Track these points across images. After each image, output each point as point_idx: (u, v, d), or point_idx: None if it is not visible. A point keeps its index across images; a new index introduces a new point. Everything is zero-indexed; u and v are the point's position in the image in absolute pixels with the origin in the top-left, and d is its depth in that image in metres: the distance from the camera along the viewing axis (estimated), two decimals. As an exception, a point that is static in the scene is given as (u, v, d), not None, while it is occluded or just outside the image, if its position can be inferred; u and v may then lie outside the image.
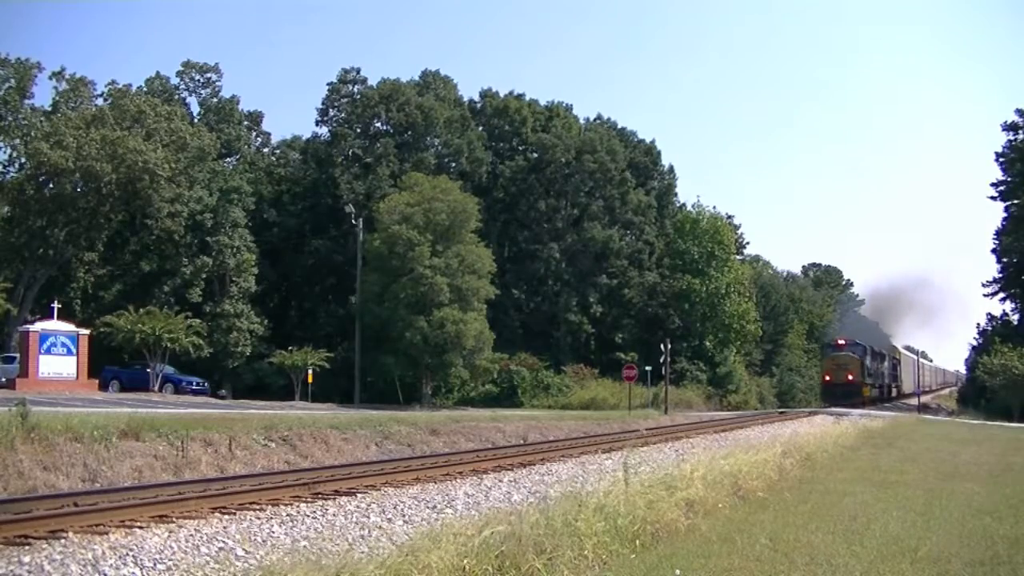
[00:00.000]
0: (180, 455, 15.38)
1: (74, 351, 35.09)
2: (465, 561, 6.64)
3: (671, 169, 67.15)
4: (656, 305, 59.44)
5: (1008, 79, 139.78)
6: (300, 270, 54.23)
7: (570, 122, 60.74)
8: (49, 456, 13.58)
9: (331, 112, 56.33)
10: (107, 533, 8.19)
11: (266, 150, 58.97)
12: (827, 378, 53.95)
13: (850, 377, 52.03)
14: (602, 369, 53.37)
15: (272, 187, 55.75)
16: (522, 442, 22.75)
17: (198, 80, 53.48)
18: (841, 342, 55.69)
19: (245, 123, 55.94)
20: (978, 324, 60.30)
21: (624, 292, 58.91)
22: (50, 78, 45.19)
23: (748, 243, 75.69)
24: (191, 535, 8.12)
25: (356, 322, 46.68)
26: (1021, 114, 53.77)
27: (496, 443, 22.57)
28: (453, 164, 55.19)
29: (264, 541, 7.91)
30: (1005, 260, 55.65)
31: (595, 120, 63.84)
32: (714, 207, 66.82)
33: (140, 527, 8.60)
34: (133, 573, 6.77)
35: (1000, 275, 56.38)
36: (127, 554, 7.17)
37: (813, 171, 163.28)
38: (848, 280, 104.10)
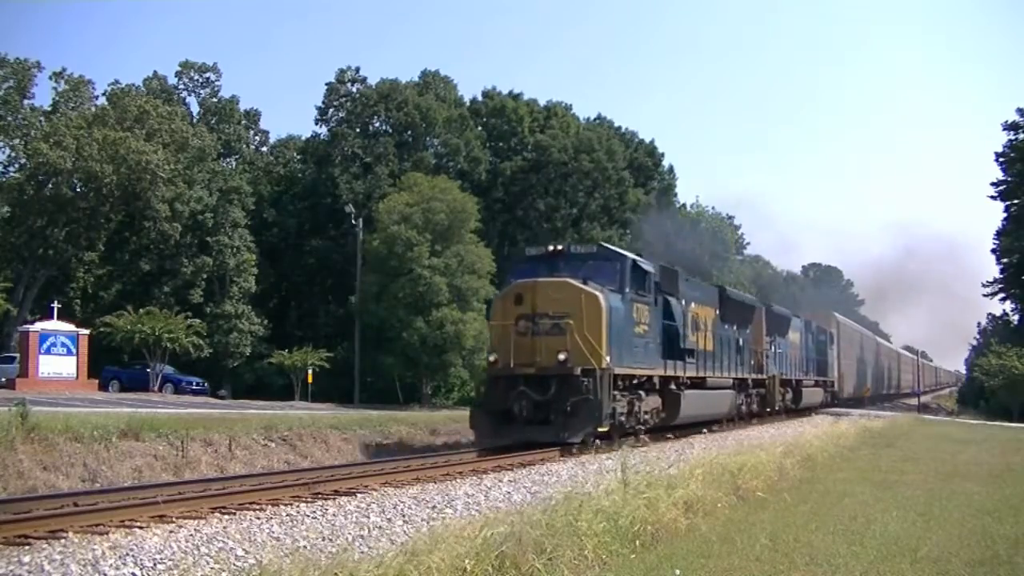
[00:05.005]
0: (180, 455, 15.43)
1: (74, 351, 35.13)
2: (465, 561, 6.63)
3: (671, 169, 67.22)
4: (656, 305, 59.26)
5: (1008, 79, 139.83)
6: (300, 270, 54.21)
7: (569, 122, 60.65)
8: (49, 456, 13.61)
9: (330, 112, 56.33)
10: (107, 533, 8.17)
11: (265, 149, 58.98)
12: (491, 359, 17.34)
13: (561, 356, 15.96)
14: (602, 369, 53.19)
15: (271, 187, 55.74)
16: (522, 442, 22.68)
17: (197, 80, 53.48)
18: (550, 249, 18.36)
19: (243, 122, 55.95)
20: (978, 324, 60.38)
21: (624, 292, 58.77)
22: (50, 78, 45.24)
23: (748, 243, 75.80)
24: (191, 535, 8.10)
25: (356, 322, 46.69)
26: (1022, 113, 53.72)
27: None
28: (452, 164, 55.18)
29: (264, 541, 7.90)
30: (1005, 260, 55.58)
31: (595, 120, 63.82)
32: (713, 207, 66.83)
33: (140, 527, 8.58)
34: (133, 573, 6.75)
35: (1000, 275, 56.34)
36: (127, 554, 7.16)
37: (813, 171, 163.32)
38: (848, 280, 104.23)
